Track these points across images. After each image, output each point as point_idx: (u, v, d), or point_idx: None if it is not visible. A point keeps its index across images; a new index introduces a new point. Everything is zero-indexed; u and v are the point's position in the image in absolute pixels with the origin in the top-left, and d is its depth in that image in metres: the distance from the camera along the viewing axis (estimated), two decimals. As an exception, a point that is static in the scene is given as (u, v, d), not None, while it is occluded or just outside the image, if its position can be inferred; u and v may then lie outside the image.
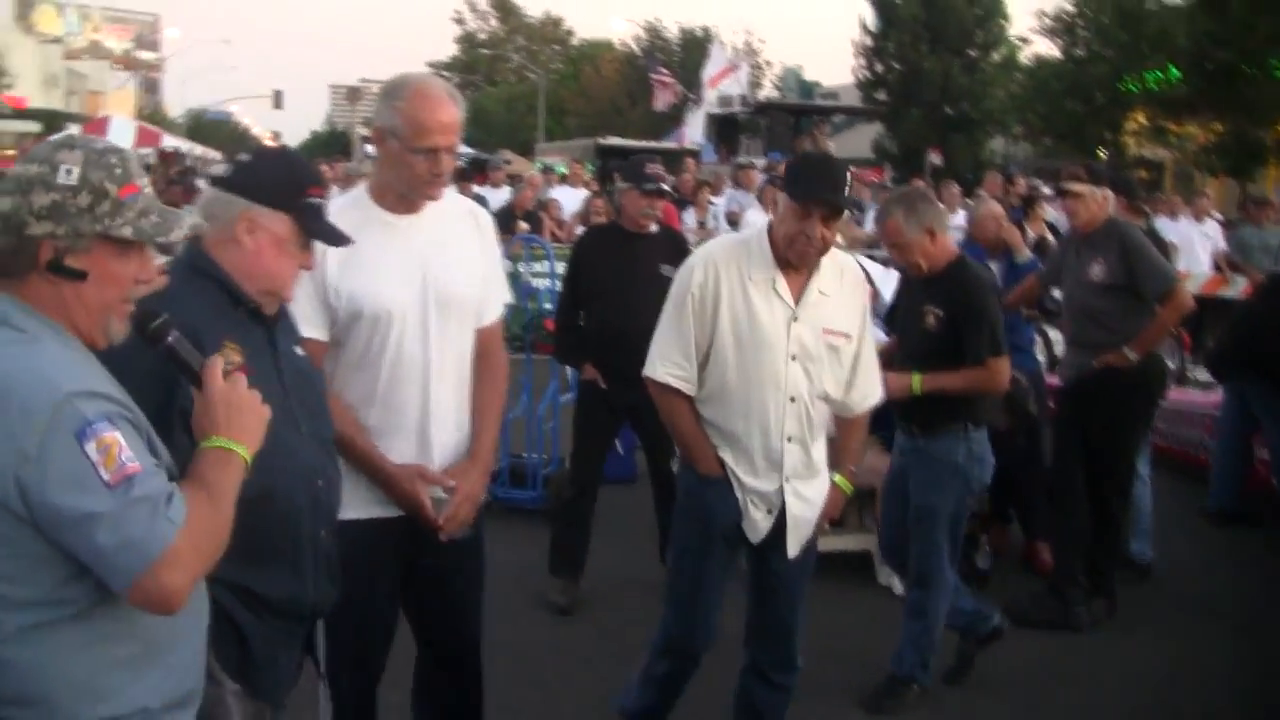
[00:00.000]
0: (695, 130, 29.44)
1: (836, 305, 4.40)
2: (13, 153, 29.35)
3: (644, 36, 65.66)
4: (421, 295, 3.89)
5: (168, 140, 29.10)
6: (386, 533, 3.94)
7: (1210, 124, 31.64)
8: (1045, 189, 14.60)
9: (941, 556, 5.53)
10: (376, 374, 3.88)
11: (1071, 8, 37.67)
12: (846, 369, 4.45)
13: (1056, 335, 8.28)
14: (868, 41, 43.49)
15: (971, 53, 42.14)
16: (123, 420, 2.39)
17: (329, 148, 67.43)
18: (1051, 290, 7.39)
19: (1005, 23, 42.90)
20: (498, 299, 4.22)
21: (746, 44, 60.67)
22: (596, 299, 6.73)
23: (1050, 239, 10.14)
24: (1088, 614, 6.66)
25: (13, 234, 2.41)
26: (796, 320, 4.33)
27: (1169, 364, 7.86)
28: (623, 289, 6.46)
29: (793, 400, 4.34)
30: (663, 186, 6.70)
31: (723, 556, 4.58)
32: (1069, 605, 6.64)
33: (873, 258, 9.52)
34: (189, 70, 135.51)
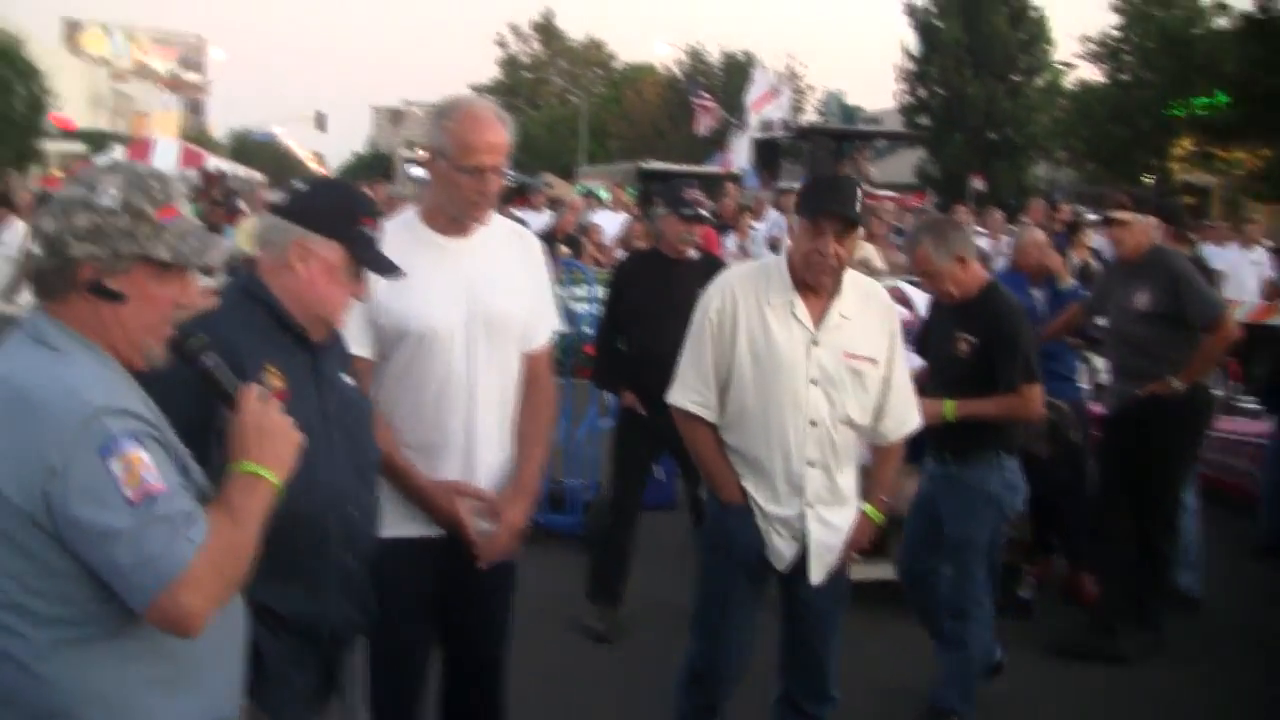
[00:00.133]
0: (740, 155, 29.43)
1: (860, 329, 4.36)
2: (60, 173, 29.71)
3: (686, 60, 65.75)
4: (468, 317, 3.92)
5: (211, 161, 29.37)
6: (425, 551, 3.94)
7: (1258, 150, 31.38)
8: (1089, 215, 14.51)
9: (978, 586, 5.49)
10: (422, 394, 3.91)
11: (1117, 32, 37.48)
12: (873, 394, 4.39)
13: (1101, 363, 8.19)
14: (910, 66, 43.33)
15: (1015, 78, 41.89)
16: (150, 440, 2.40)
17: (371, 170, 67.75)
18: (1096, 318, 7.32)
19: (1049, 47, 42.69)
20: (546, 324, 4.23)
21: (788, 68, 60.64)
22: (636, 325, 6.71)
23: (1095, 265, 10.07)
24: (1133, 646, 6.56)
25: (55, 254, 2.44)
26: (817, 344, 4.30)
27: (1216, 393, 7.76)
28: (662, 315, 6.40)
29: (814, 424, 4.31)
30: (700, 212, 6.69)
31: (748, 586, 4.55)
32: (1114, 637, 6.56)
33: (914, 283, 9.47)
34: (233, 91, 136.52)
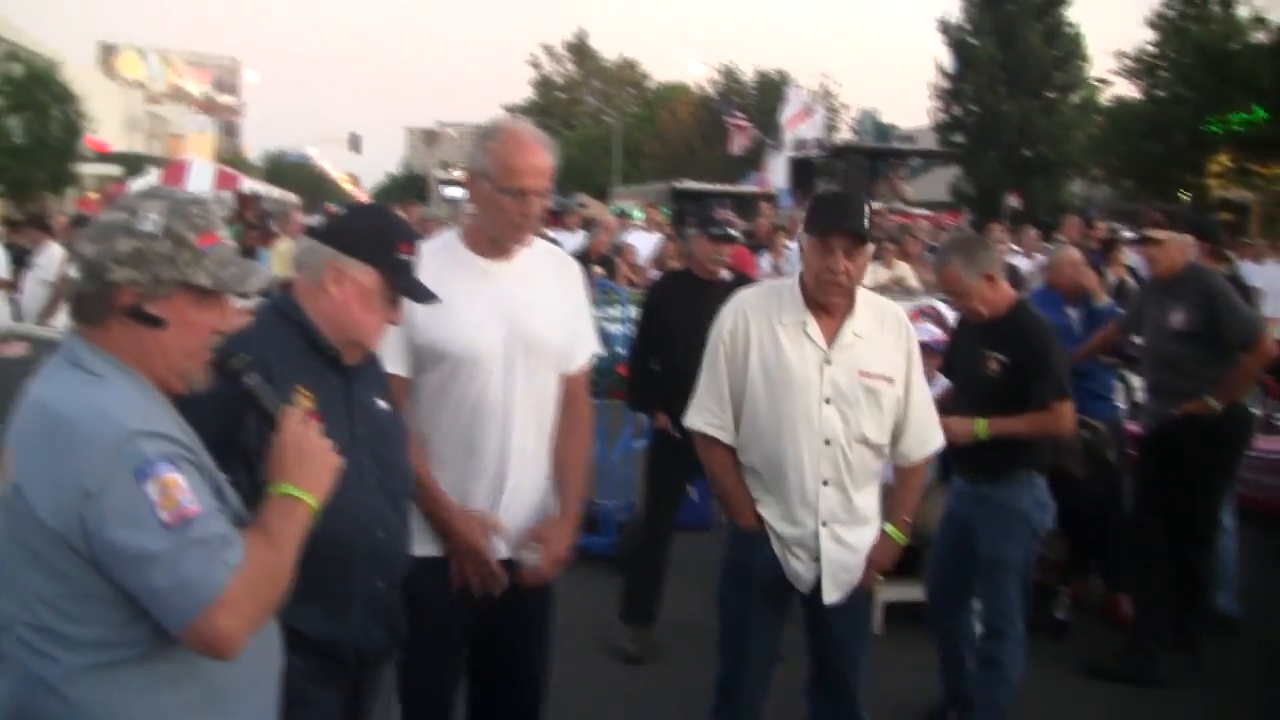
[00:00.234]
0: (777, 175, 29.40)
1: (875, 348, 4.36)
2: (96, 195, 29.94)
3: (719, 79, 65.81)
4: (508, 340, 3.93)
5: (246, 183, 29.51)
6: (444, 569, 3.94)
7: (1296, 165, 31.23)
8: (1125, 232, 14.44)
9: (1014, 606, 5.46)
10: (458, 415, 3.92)
11: (1153, 48, 37.29)
12: (889, 413, 4.38)
13: (1138, 382, 8.15)
14: (944, 84, 43.22)
15: (1050, 94, 41.73)
16: (185, 463, 2.41)
17: (405, 191, 68.12)
18: (1131, 337, 7.27)
19: (1085, 64, 42.50)
20: (585, 348, 4.26)
21: (822, 87, 60.66)
22: (668, 345, 6.71)
23: (1131, 283, 10.00)
24: (1169, 668, 6.51)
25: (94, 279, 2.46)
26: (830, 362, 4.30)
27: (1254, 411, 7.71)
28: (693, 335, 6.34)
29: (827, 443, 4.30)
30: (729, 232, 6.68)
31: (767, 609, 4.55)
32: (1150, 659, 6.50)
33: (949, 301, 9.43)
34: (267, 113, 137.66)
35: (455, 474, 3.93)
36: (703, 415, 4.50)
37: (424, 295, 3.34)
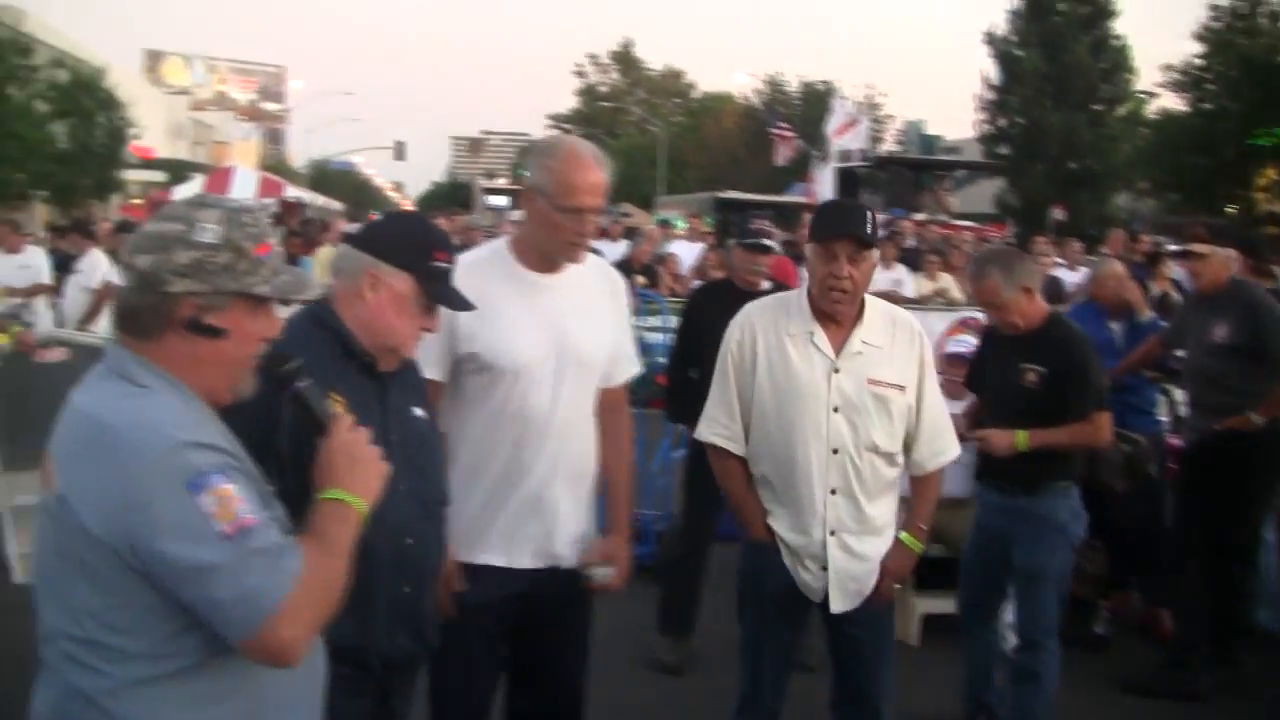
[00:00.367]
0: (825, 186, 29.29)
1: (886, 357, 4.33)
2: (139, 201, 30.13)
3: (765, 90, 65.78)
4: (554, 355, 3.94)
5: (290, 190, 29.63)
6: (504, 580, 3.96)
7: (1345, 179, 30.96)
8: (1170, 245, 14.34)
9: (1051, 617, 5.45)
10: (498, 426, 3.93)
11: (1200, 61, 37.05)
12: (900, 422, 4.35)
13: (1181, 396, 8.09)
14: (990, 95, 43.12)
15: (1096, 107, 41.55)
16: (236, 473, 2.38)
17: (449, 199, 68.36)
18: (1174, 351, 7.23)
19: (1131, 76, 42.30)
20: (626, 366, 4.28)
21: (868, 98, 60.58)
22: (706, 356, 6.69)
23: (1175, 296, 9.95)
24: (1210, 684, 6.46)
25: (152, 292, 2.41)
26: (838, 371, 4.29)
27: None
28: (732, 346, 6.42)
29: (835, 452, 4.29)
30: (764, 242, 6.67)
31: (781, 620, 4.56)
32: (1190, 674, 6.46)
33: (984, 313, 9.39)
34: (312, 121, 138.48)
35: (492, 484, 3.94)
36: (712, 426, 4.52)
37: (459, 303, 3.36)
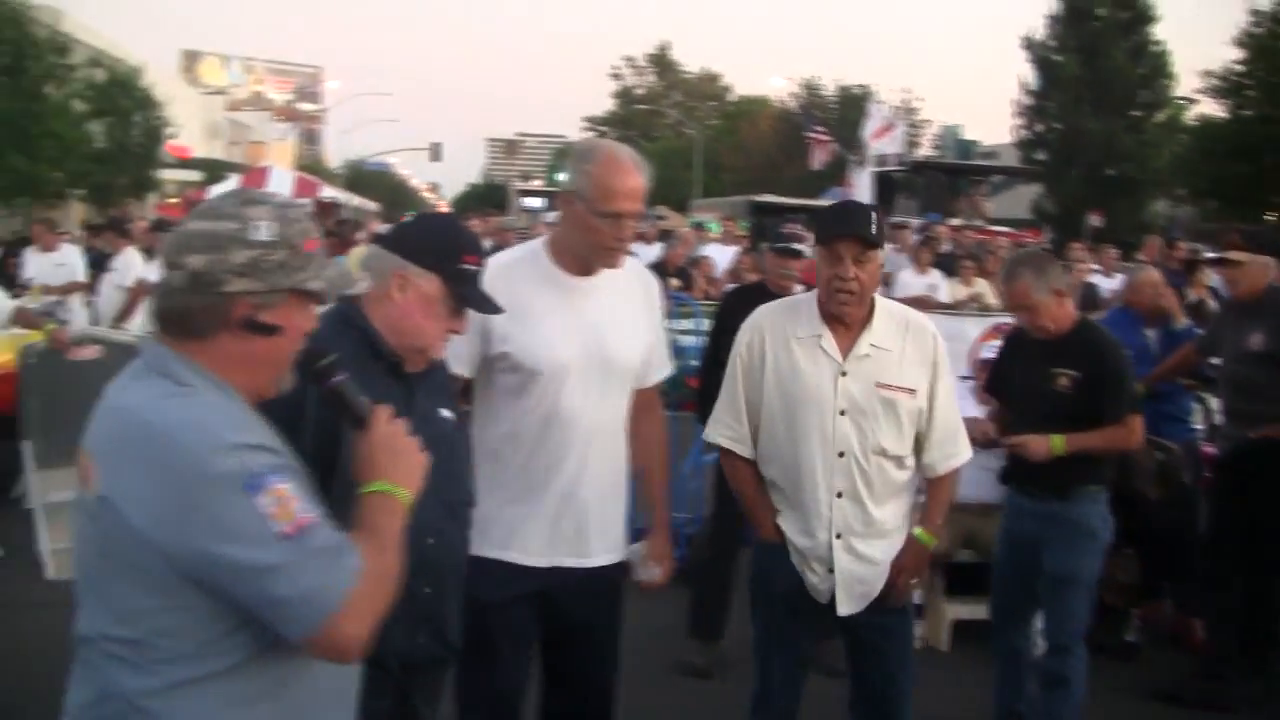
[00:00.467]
0: (863, 191, 29.20)
1: (895, 360, 4.31)
2: (175, 200, 30.28)
3: (801, 93, 65.71)
4: (586, 358, 3.96)
5: (326, 191, 29.73)
6: (533, 579, 3.98)
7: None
8: (1207, 253, 14.27)
9: (1082, 622, 5.45)
10: (528, 426, 3.95)
11: (1240, 67, 36.78)
12: (908, 425, 4.32)
13: (1216, 404, 8.05)
14: (1028, 101, 42.92)
15: (1135, 113, 41.29)
16: (290, 472, 2.37)
17: (485, 201, 68.46)
18: (1210, 358, 7.19)
19: (1170, 82, 42.00)
20: (658, 369, 4.31)
21: (904, 102, 60.49)
22: (736, 360, 6.72)
23: (1211, 304, 9.89)
24: (1242, 694, 6.42)
25: (208, 292, 2.38)
26: (845, 374, 4.28)
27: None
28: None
29: (841, 455, 4.27)
30: (794, 246, 6.67)
31: (791, 622, 4.54)
32: (1222, 684, 6.42)
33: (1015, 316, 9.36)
34: (348, 122, 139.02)
35: (522, 485, 3.95)
36: (718, 428, 4.53)
37: (487, 306, 3.37)
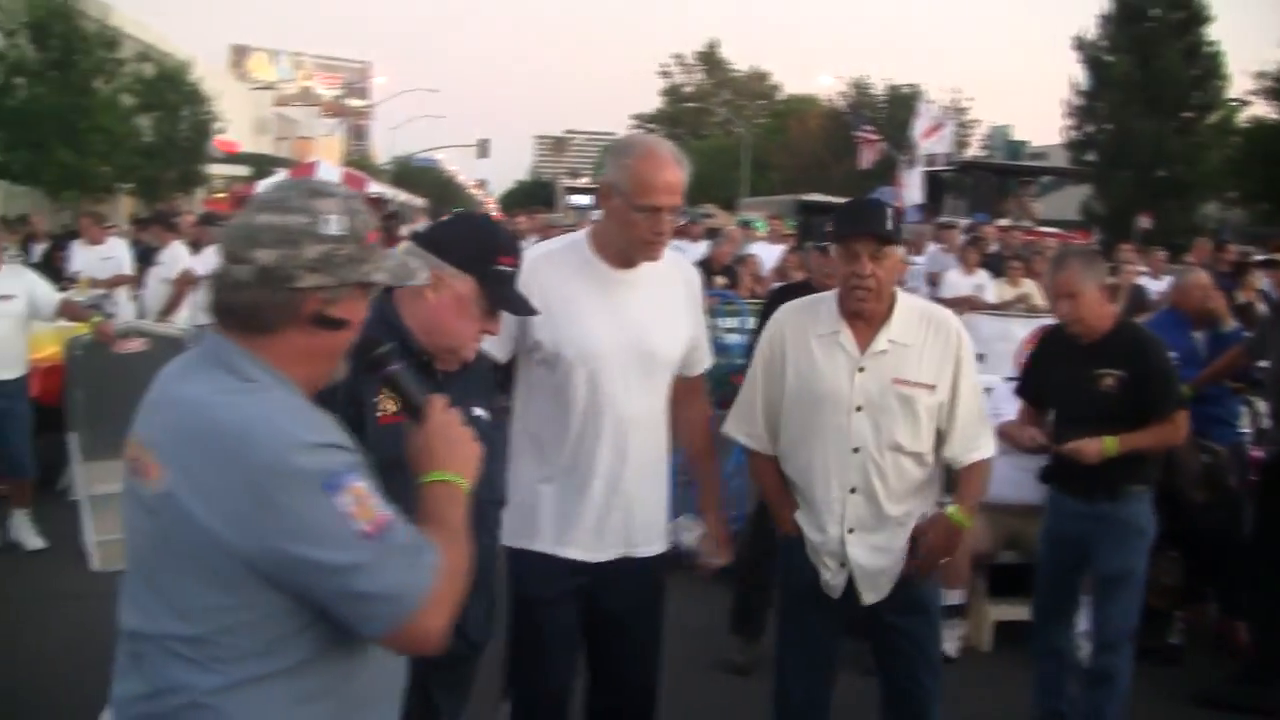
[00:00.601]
0: (911, 190, 29.07)
1: (914, 355, 4.28)
2: (223, 195, 30.43)
3: (850, 92, 65.48)
4: (626, 351, 3.98)
5: (373, 186, 29.81)
6: (578, 574, 4.02)
7: None
8: (1257, 255, 14.18)
9: (1133, 621, 5.46)
10: (569, 418, 3.98)
11: (1293, 68, 36.51)
12: (927, 421, 4.30)
13: (1264, 407, 8.00)
14: (1078, 101, 42.62)
15: (1187, 114, 40.91)
16: (365, 470, 2.35)
17: (532, 198, 68.60)
18: (1258, 361, 7.16)
19: (1223, 84, 41.57)
20: (700, 362, 4.34)
21: (954, 102, 60.20)
22: (780, 358, 6.74)
23: (1260, 307, 9.84)
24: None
25: (276, 287, 2.34)
26: (862, 370, 4.28)
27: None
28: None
29: (856, 451, 4.27)
30: None
31: (815, 617, 4.51)
32: (1266, 688, 6.39)
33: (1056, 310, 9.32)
34: (396, 118, 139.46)
35: (566, 478, 4.00)
36: (737, 425, 4.57)
37: (521, 307, 3.40)
